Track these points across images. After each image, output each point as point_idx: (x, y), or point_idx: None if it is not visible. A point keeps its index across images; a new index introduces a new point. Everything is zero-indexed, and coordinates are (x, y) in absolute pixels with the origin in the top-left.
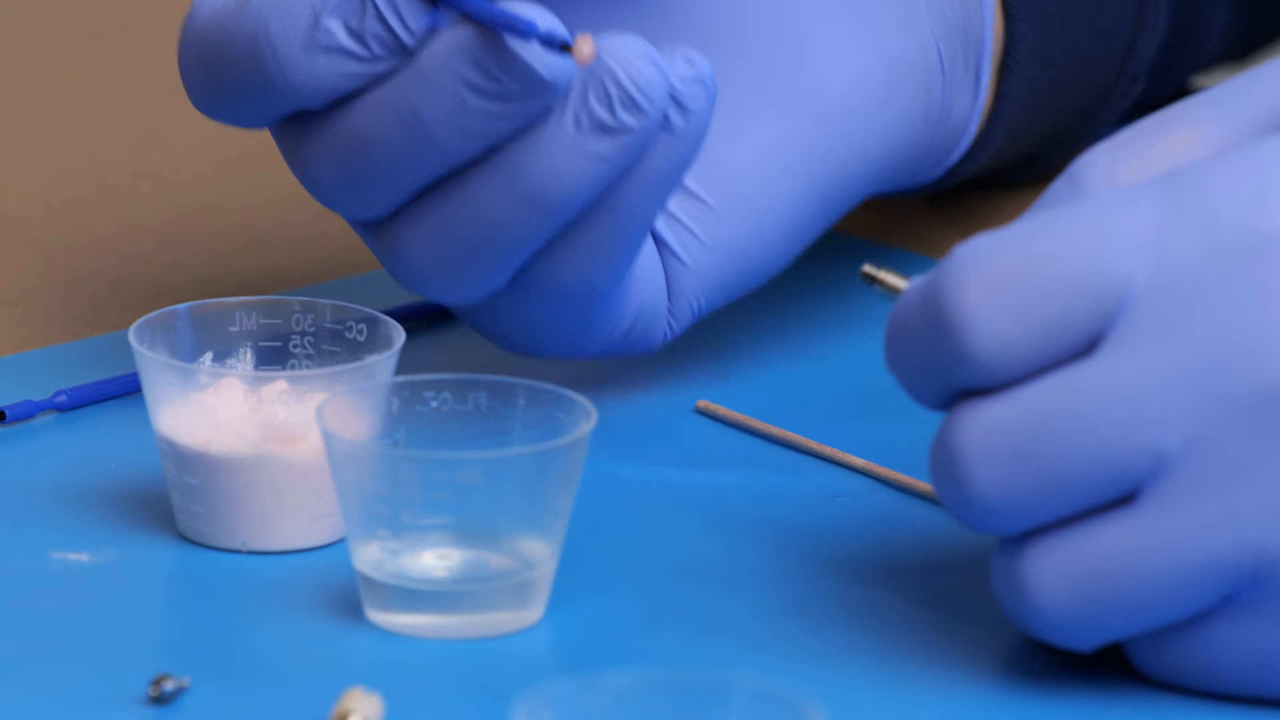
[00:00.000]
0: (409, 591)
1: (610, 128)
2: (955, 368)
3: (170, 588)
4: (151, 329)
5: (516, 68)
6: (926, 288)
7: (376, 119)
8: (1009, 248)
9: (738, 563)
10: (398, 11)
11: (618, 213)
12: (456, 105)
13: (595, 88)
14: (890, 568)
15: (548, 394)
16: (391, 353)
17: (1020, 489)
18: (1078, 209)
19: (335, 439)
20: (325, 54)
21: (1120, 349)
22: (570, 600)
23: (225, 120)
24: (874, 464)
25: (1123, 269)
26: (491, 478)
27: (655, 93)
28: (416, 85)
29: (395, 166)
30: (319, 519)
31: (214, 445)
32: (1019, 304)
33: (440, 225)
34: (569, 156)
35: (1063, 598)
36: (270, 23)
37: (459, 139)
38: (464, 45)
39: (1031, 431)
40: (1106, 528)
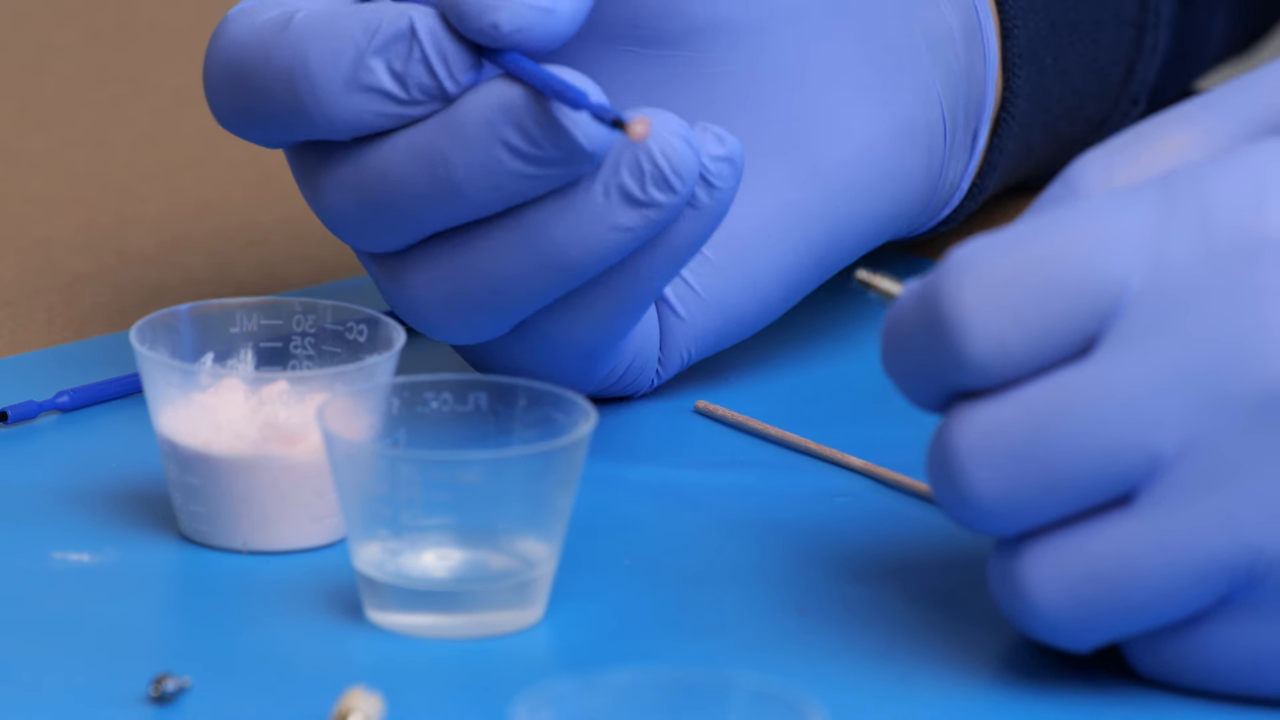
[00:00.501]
0: (409, 591)
1: (639, 201)
2: (952, 370)
3: (171, 588)
4: (153, 330)
5: (560, 136)
6: (923, 291)
7: (404, 161)
8: (1006, 250)
9: (737, 563)
10: (445, 61)
11: (632, 279)
12: (490, 162)
13: (629, 161)
14: (889, 568)
15: (548, 395)
16: (392, 353)
17: (1017, 490)
18: (1074, 211)
19: (336, 439)
20: (364, 93)
21: (1117, 350)
22: (570, 600)
23: (245, 137)
24: (872, 464)
25: (1119, 270)
26: (492, 478)
27: (687, 172)
28: (451, 136)
29: (417, 210)
30: (319, 519)
31: (215, 446)
32: (1016, 306)
33: (452, 271)
34: (594, 224)
35: (1060, 598)
36: (310, 54)
37: (486, 194)
38: (507, 104)
39: (1029, 433)
40: (1104, 529)
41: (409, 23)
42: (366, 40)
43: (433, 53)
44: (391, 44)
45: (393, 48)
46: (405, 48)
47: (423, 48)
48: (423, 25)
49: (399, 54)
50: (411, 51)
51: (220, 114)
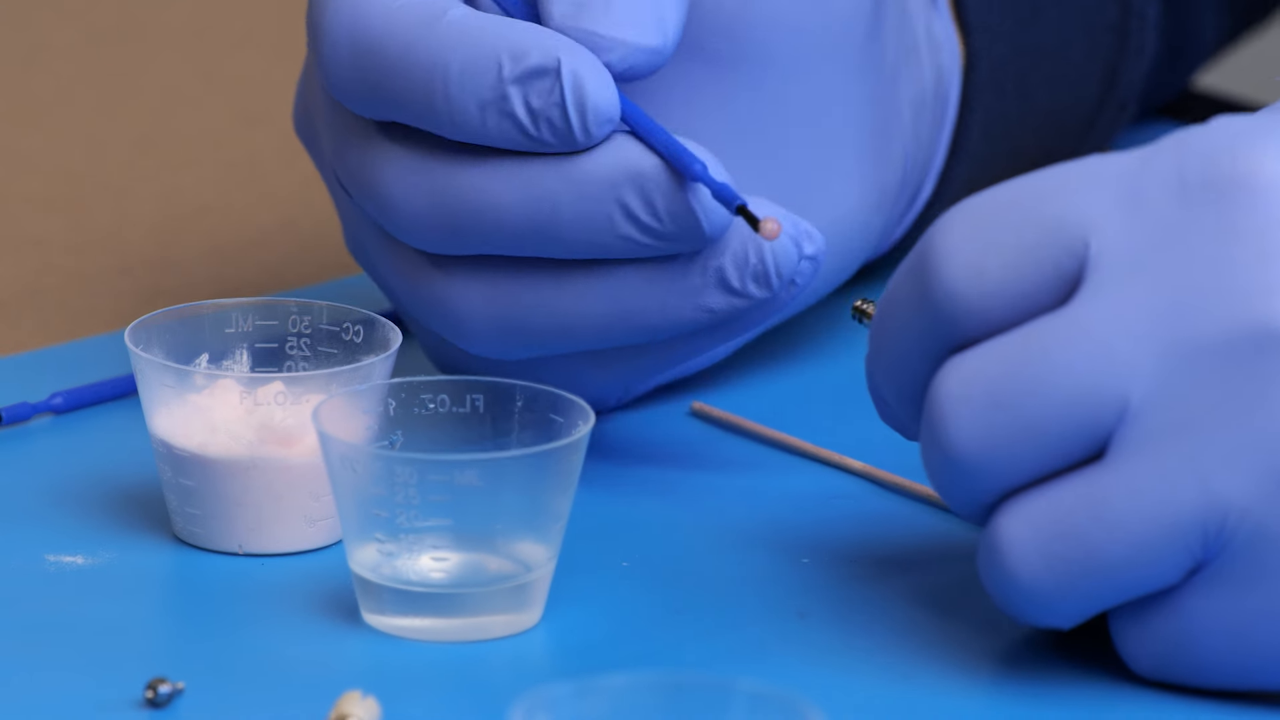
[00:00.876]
0: (406, 594)
1: (734, 290)
2: (935, 309)
3: (166, 590)
4: (147, 330)
5: (684, 215)
6: (917, 244)
7: (507, 188)
8: (991, 192)
9: (735, 565)
10: (583, 111)
11: (685, 347)
12: (602, 220)
13: (736, 249)
14: (888, 569)
15: (545, 396)
16: (388, 354)
17: (994, 436)
18: (1064, 164)
19: (332, 441)
20: (497, 116)
21: (1093, 293)
22: (568, 603)
23: (358, 109)
24: (870, 466)
25: (1093, 206)
26: (489, 480)
27: (787, 273)
28: (567, 183)
29: (499, 234)
30: (315, 521)
31: (210, 447)
32: (992, 235)
33: (516, 295)
34: (682, 298)
35: (1033, 557)
36: (452, 63)
37: (584, 247)
38: (635, 170)
39: (1003, 375)
40: (1075, 483)
41: (555, 63)
42: (510, 67)
43: (571, 101)
44: (533, 78)
45: (533, 83)
46: (546, 86)
47: (563, 93)
48: (568, 69)
49: (538, 91)
50: (551, 93)
51: (338, 82)
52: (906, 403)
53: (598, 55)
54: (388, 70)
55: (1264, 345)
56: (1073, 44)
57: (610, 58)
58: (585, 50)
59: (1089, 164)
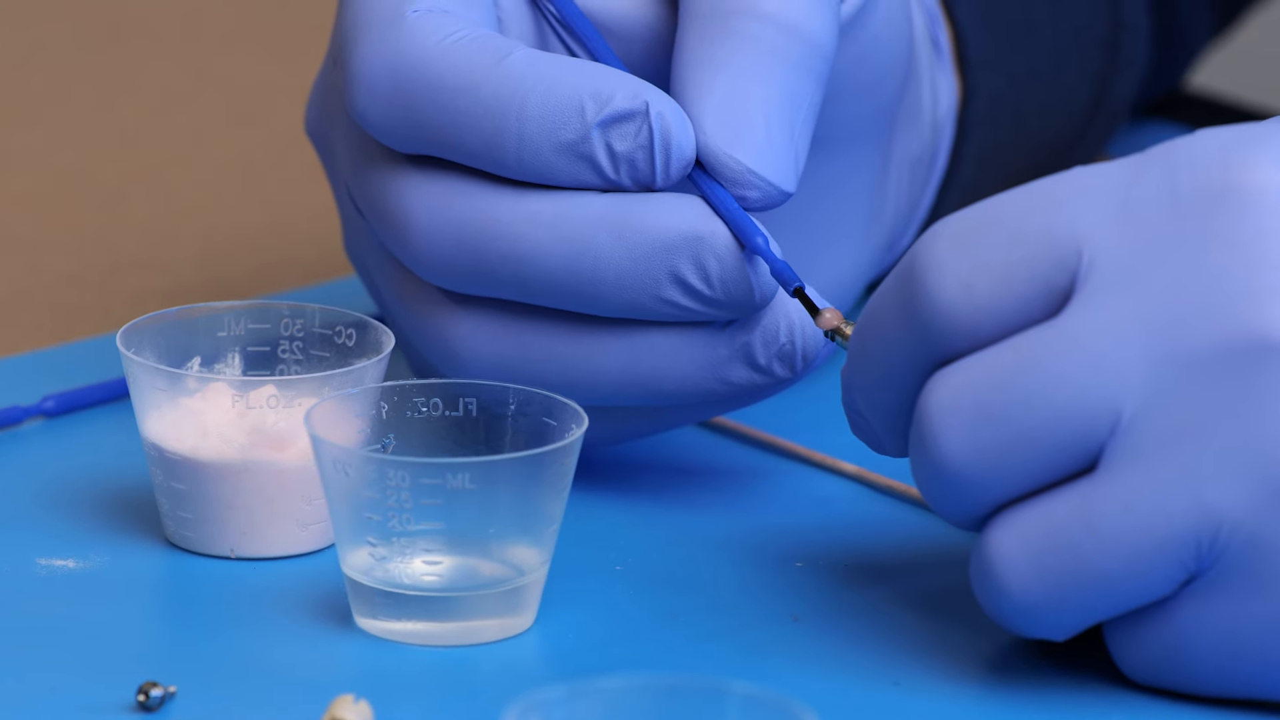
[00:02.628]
0: (398, 598)
1: (757, 367)
2: (923, 326)
3: (157, 594)
4: (139, 333)
5: (736, 285)
6: (902, 261)
7: (548, 236)
8: (978, 208)
9: (729, 569)
10: (668, 154)
11: (689, 412)
12: (646, 281)
13: (766, 327)
14: (882, 573)
15: (539, 399)
16: (381, 357)
17: (984, 448)
18: (1051, 177)
19: (324, 444)
20: (572, 159)
21: (1084, 304)
22: (561, 607)
23: (389, 141)
24: (864, 470)
25: (1083, 220)
26: (482, 483)
27: (812, 356)
28: (615, 239)
29: (531, 284)
30: (307, 525)
31: (202, 451)
32: (981, 253)
33: (526, 341)
34: (703, 369)
35: (1025, 571)
36: (530, 104)
37: (619, 306)
38: (691, 233)
39: (994, 387)
40: (1068, 496)
41: (644, 106)
42: (595, 110)
43: (659, 144)
44: (619, 122)
45: (620, 126)
46: (633, 130)
47: (651, 135)
48: (655, 112)
49: (624, 134)
50: (638, 136)
51: (374, 118)
52: (888, 419)
53: (739, 189)
54: (443, 107)
55: (1257, 356)
56: (1065, 64)
57: (751, 194)
58: (662, 92)
59: (1077, 176)
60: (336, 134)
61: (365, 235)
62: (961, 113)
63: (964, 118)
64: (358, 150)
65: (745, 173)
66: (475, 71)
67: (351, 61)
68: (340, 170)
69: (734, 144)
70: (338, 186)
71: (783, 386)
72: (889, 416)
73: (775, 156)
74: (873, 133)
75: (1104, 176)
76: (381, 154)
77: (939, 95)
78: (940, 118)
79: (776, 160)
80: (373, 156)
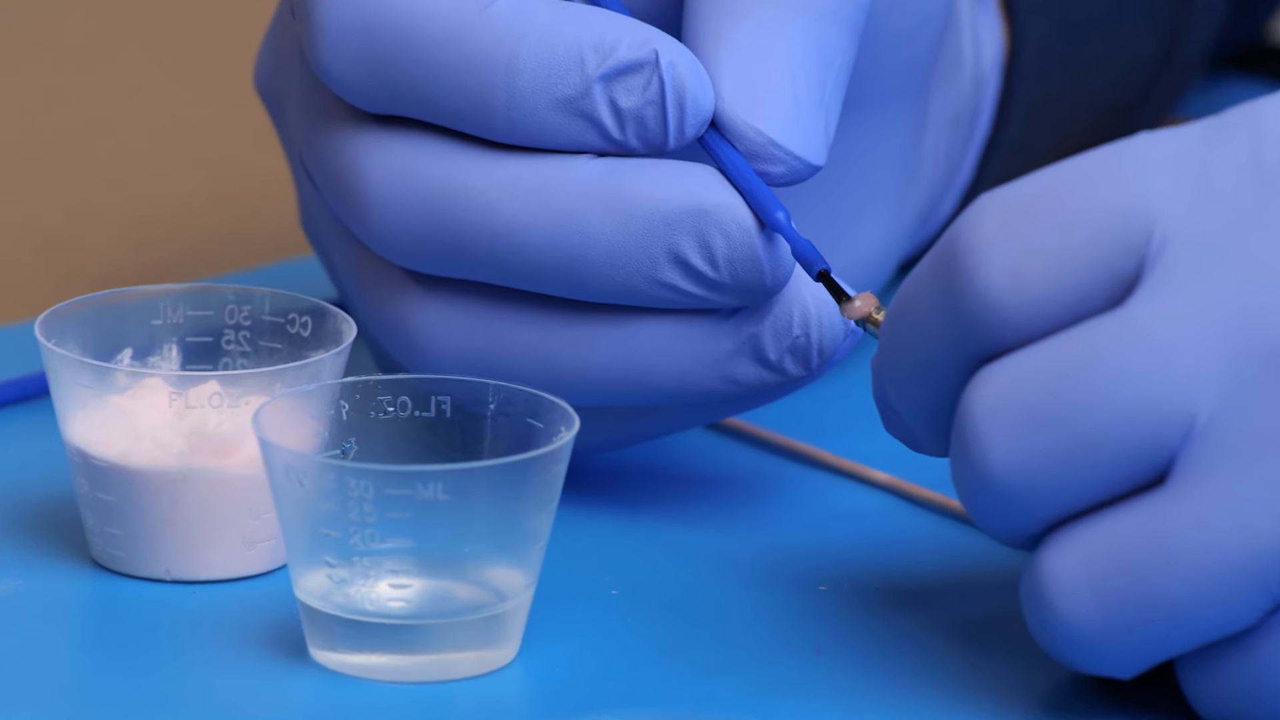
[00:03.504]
0: (361, 626)
1: (767, 364)
2: (966, 319)
3: (82, 623)
4: (61, 321)
5: (746, 265)
6: (940, 240)
7: (528, 208)
8: (1030, 181)
9: (742, 593)
10: (682, 109)
11: (689, 416)
12: (641, 260)
13: (778, 318)
14: (918, 598)
15: (522, 397)
16: (341, 349)
17: (1036, 456)
18: (1113, 146)
19: (275, 449)
20: (575, 119)
21: (1153, 291)
22: (548, 637)
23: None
24: (898, 479)
25: (1154, 197)
26: (457, 494)
27: (829, 352)
28: (607, 211)
29: (507, 263)
30: (255, 543)
31: (134, 457)
32: (1034, 234)
33: (496, 338)
34: (704, 366)
35: (1085, 598)
36: (522, 55)
37: (608, 289)
38: (695, 205)
39: (1049, 386)
40: (1133, 511)
41: (652, 55)
42: (597, 61)
43: (671, 99)
44: (625, 74)
45: (626, 79)
46: (641, 83)
47: (662, 89)
48: (666, 61)
49: (630, 88)
50: (647, 89)
51: (341, 74)
52: (926, 417)
53: (760, 163)
54: (420, 60)
55: None
56: (1127, 9)
57: (774, 169)
58: (673, 39)
59: (1143, 144)
60: (291, 91)
61: (322, 207)
62: (1008, 64)
63: (1010, 70)
64: (311, 107)
65: (768, 145)
66: (458, 19)
67: (315, 8)
68: (294, 132)
69: (755, 111)
70: (291, 152)
71: (795, 387)
72: (927, 415)
73: (803, 125)
74: (907, 88)
75: (1176, 144)
76: (339, 110)
77: (982, 44)
78: (983, 70)
79: (804, 129)
80: (328, 114)
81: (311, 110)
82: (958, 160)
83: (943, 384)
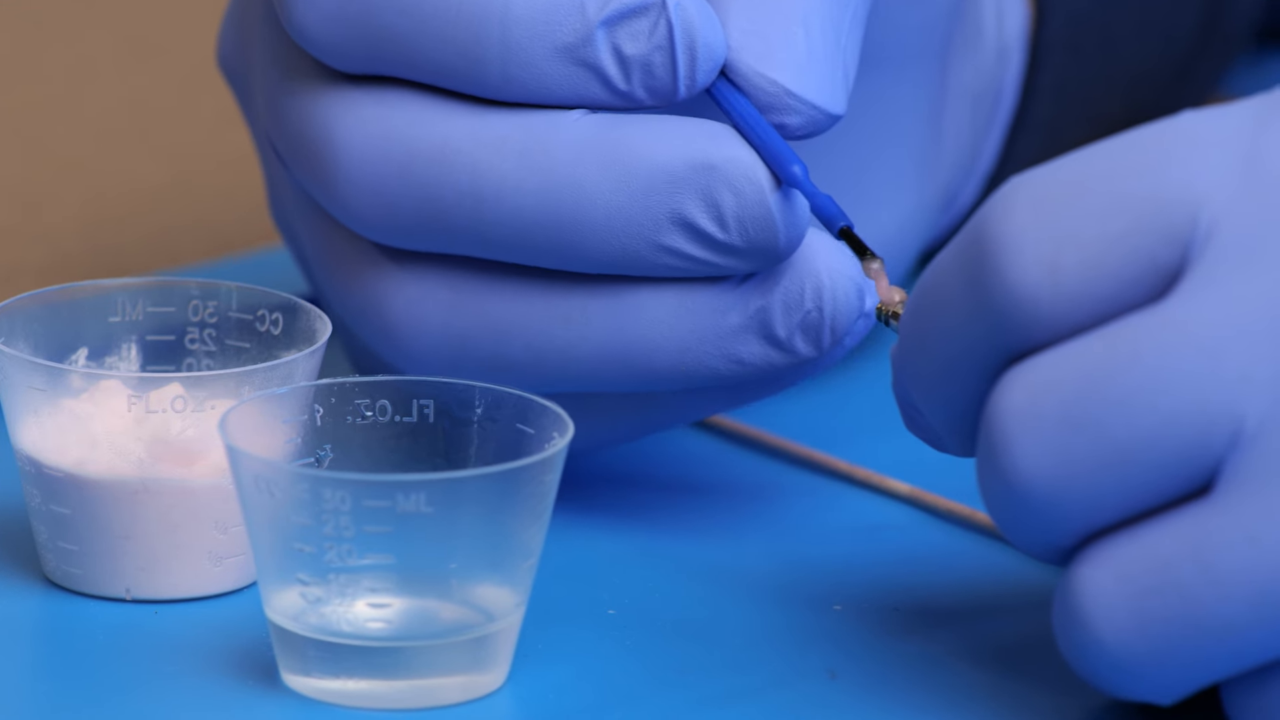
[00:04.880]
0: (337, 649)
1: (776, 342)
2: (994, 313)
3: (34, 645)
4: (10, 318)
5: (759, 224)
6: (966, 227)
7: (516, 167)
8: (1065, 164)
9: (749, 614)
10: (693, 54)
11: (688, 405)
12: (643, 223)
13: (789, 290)
14: (942, 618)
15: (511, 401)
16: (315, 349)
17: (1069, 463)
18: (1154, 125)
19: (243, 457)
20: (575, 68)
21: (1198, 285)
22: (539, 661)
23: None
24: (919, 489)
25: (1197, 179)
26: (441, 506)
27: (842, 331)
28: (603, 169)
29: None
30: (222, 559)
31: (90, 466)
32: (1071, 222)
33: (481, 316)
34: (708, 342)
35: (1123, 617)
36: (515, 1)
37: (605, 258)
38: (701, 160)
39: (1084, 387)
40: (1176, 524)
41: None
42: (598, 6)
43: (681, 42)
44: (630, 18)
45: (630, 23)
46: (647, 26)
47: (670, 32)
48: (674, 0)
49: (635, 33)
50: (653, 34)
51: (315, 30)
52: (949, 418)
53: (776, 114)
54: (405, 11)
55: None
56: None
57: (791, 120)
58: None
59: (1187, 123)
60: (257, 63)
61: (292, 188)
62: (1035, 36)
63: (1038, 42)
64: (279, 72)
65: (782, 95)
66: None
67: None
68: (259, 106)
69: (766, 59)
70: (258, 132)
71: (806, 371)
72: (950, 415)
73: (819, 72)
74: (923, 54)
75: (1224, 124)
76: (309, 71)
77: (1005, 13)
78: (1006, 41)
79: (820, 77)
80: (296, 75)
81: (278, 75)
82: (979, 141)
83: (968, 382)
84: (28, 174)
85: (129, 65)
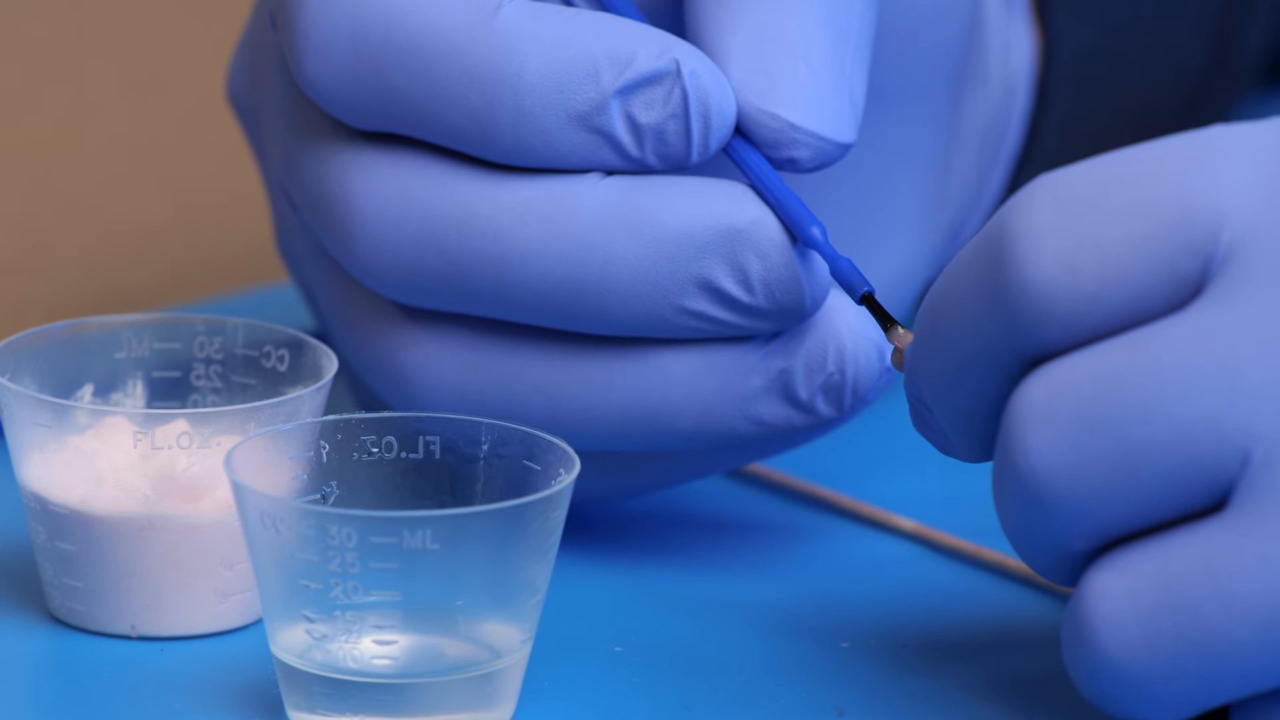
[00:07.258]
0: (343, 686)
1: (797, 403)
2: (1011, 312)
3: (40, 683)
4: (15, 354)
5: (784, 287)
6: (985, 227)
7: (540, 233)
8: (1088, 168)
9: (756, 651)
10: (706, 122)
11: (709, 462)
12: (668, 288)
13: (811, 352)
14: (951, 654)
15: (518, 437)
16: (320, 385)
17: (1083, 464)
18: (1184, 135)
19: (249, 493)
20: (584, 134)
21: (1220, 298)
22: (546, 697)
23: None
24: (925, 526)
25: (1224, 190)
26: (447, 543)
27: (864, 392)
28: (629, 235)
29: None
30: (228, 596)
31: (95, 502)
32: (1091, 224)
33: (499, 377)
34: (729, 404)
35: (1132, 633)
36: (529, 67)
37: (629, 321)
38: (726, 225)
39: (1102, 389)
40: (1188, 541)
41: (674, 65)
42: (614, 74)
43: (695, 111)
44: (645, 87)
45: (645, 92)
46: (662, 95)
47: (685, 101)
48: (688, 70)
49: (650, 102)
50: (668, 102)
51: (330, 90)
52: (961, 420)
53: (784, 150)
54: (417, 75)
55: None
56: (1175, 10)
57: (802, 153)
58: (691, 46)
59: (1217, 135)
60: (269, 107)
61: (300, 230)
62: (1042, 72)
63: (1045, 78)
64: (293, 124)
65: (787, 129)
66: (458, 30)
67: (300, 15)
68: (272, 150)
69: (770, 96)
70: (268, 171)
71: (825, 430)
72: (962, 417)
73: (824, 102)
74: (930, 89)
75: (1253, 137)
76: (324, 127)
77: (1012, 49)
78: (1013, 77)
79: (826, 107)
80: (312, 131)
81: (293, 127)
82: (985, 176)
83: (981, 381)
84: (34, 210)
85: (134, 102)
